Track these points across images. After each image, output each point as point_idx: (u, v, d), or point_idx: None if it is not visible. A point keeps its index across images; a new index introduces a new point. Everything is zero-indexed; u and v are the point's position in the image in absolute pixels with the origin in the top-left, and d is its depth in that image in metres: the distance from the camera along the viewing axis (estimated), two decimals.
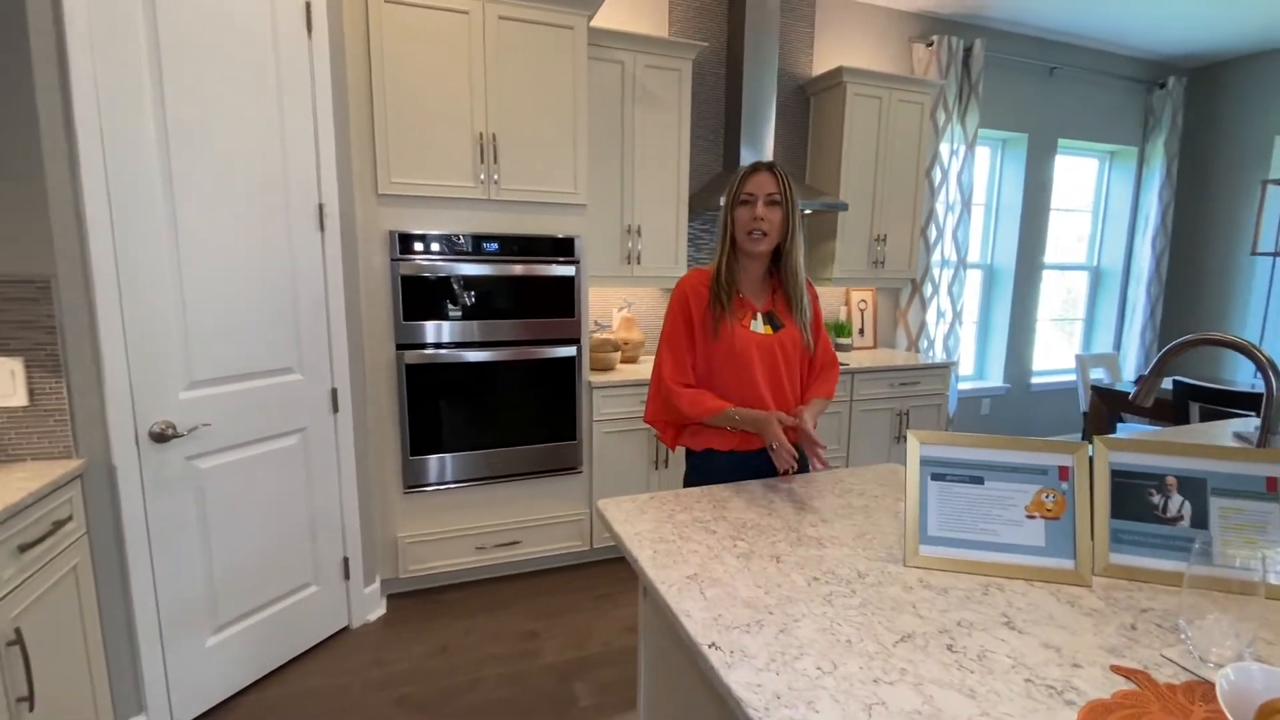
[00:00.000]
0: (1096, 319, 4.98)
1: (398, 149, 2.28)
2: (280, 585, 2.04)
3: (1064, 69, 4.16)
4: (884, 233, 3.52)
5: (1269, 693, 0.60)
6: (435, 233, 2.37)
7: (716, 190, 3.06)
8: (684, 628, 0.85)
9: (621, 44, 2.73)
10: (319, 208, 2.06)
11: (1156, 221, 4.60)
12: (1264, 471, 0.98)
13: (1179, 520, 1.00)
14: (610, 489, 2.76)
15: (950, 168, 3.83)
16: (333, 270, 2.12)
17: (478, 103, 2.35)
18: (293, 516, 2.07)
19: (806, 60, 3.51)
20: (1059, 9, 3.72)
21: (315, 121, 2.02)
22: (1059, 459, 1.02)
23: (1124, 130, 4.56)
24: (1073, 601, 0.93)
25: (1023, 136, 4.23)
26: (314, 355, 2.10)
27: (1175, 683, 0.74)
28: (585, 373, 2.67)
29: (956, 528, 1.03)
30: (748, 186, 1.43)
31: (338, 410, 2.19)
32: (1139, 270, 4.71)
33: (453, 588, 2.60)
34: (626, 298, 3.23)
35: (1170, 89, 4.44)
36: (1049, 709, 0.70)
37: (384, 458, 2.43)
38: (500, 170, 2.41)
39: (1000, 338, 4.51)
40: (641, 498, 1.31)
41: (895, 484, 1.42)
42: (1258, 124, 4.28)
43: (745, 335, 1.44)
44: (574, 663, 2.14)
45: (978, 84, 3.78)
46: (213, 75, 1.73)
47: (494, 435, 2.56)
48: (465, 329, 2.46)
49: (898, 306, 4.01)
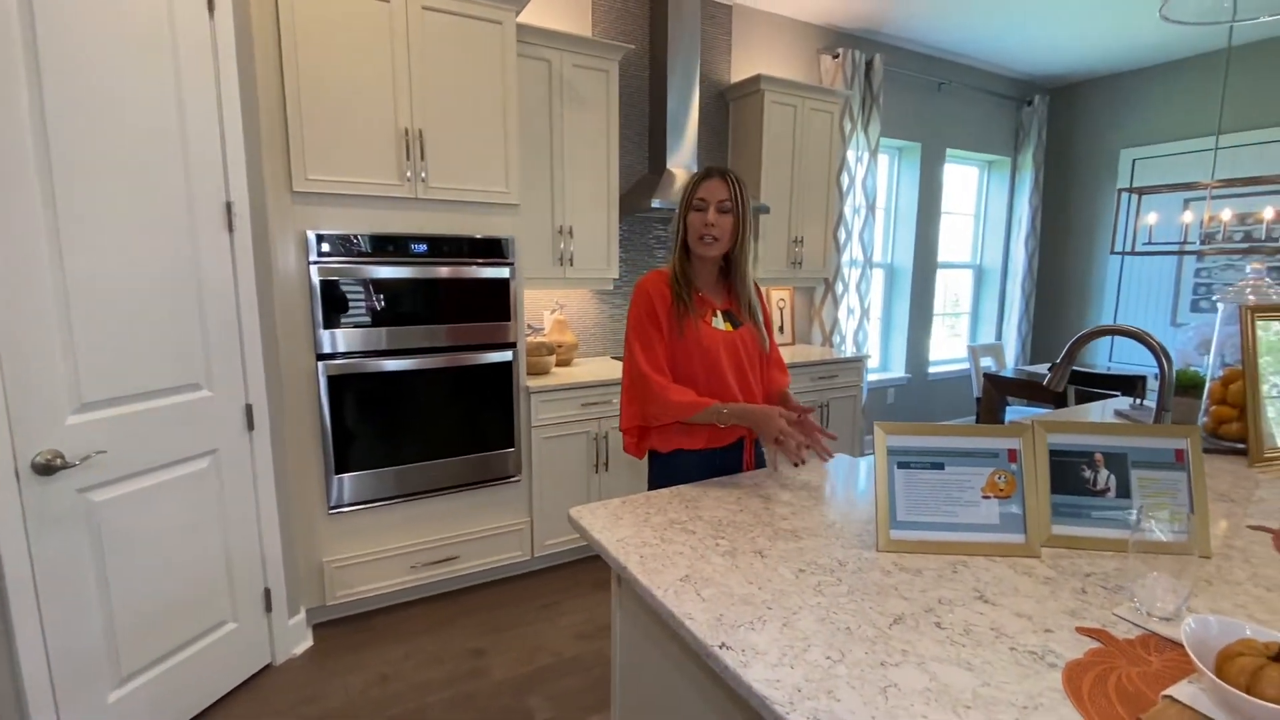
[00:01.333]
0: (980, 313, 5.48)
1: (314, 144, 2.11)
2: (193, 625, 1.84)
3: (950, 84, 4.54)
4: (801, 235, 3.69)
5: (1224, 639, 0.69)
6: (359, 233, 2.22)
7: (645, 192, 3.08)
8: (689, 631, 0.85)
9: (549, 42, 2.69)
10: (226, 206, 1.87)
11: (1028, 225, 5.13)
12: (1173, 445, 1.12)
13: (1107, 491, 1.12)
14: (551, 496, 2.71)
15: (856, 173, 4.08)
16: (244, 275, 1.94)
17: (402, 97, 2.23)
18: (205, 548, 1.87)
19: (725, 67, 3.62)
20: (944, 30, 4.06)
21: (220, 111, 1.83)
22: (1008, 443, 1.11)
23: (999, 141, 5.06)
24: (1028, 572, 1.01)
25: (917, 145, 4.58)
26: (224, 369, 1.90)
27: (1131, 638, 0.83)
28: (522, 378, 2.60)
29: (922, 512, 1.10)
30: (700, 192, 1.45)
31: (253, 428, 2.00)
32: (1015, 268, 5.24)
33: (387, 611, 2.45)
34: (559, 300, 3.19)
35: (1036, 106, 4.97)
36: (1037, 673, 0.75)
37: (306, 477, 2.25)
38: (428, 168, 2.30)
39: (901, 332, 4.86)
40: (613, 503, 1.30)
41: (842, 472, 1.49)
42: (1108, 138, 4.89)
43: (710, 332, 1.47)
44: (526, 677, 2.08)
45: (879, 95, 4.05)
46: (97, 56, 1.52)
47: (426, 447, 2.44)
48: (392, 335, 2.32)
49: (812, 304, 4.22)
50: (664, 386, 1.42)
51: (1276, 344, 1.61)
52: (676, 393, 1.42)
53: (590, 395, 2.74)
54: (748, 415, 1.42)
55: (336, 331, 2.23)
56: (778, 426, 1.37)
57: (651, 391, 1.43)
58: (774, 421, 1.37)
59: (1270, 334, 1.61)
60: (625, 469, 2.88)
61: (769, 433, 1.39)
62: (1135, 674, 0.74)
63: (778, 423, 1.37)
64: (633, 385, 1.48)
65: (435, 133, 2.31)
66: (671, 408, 1.42)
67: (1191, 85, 4.39)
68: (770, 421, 1.38)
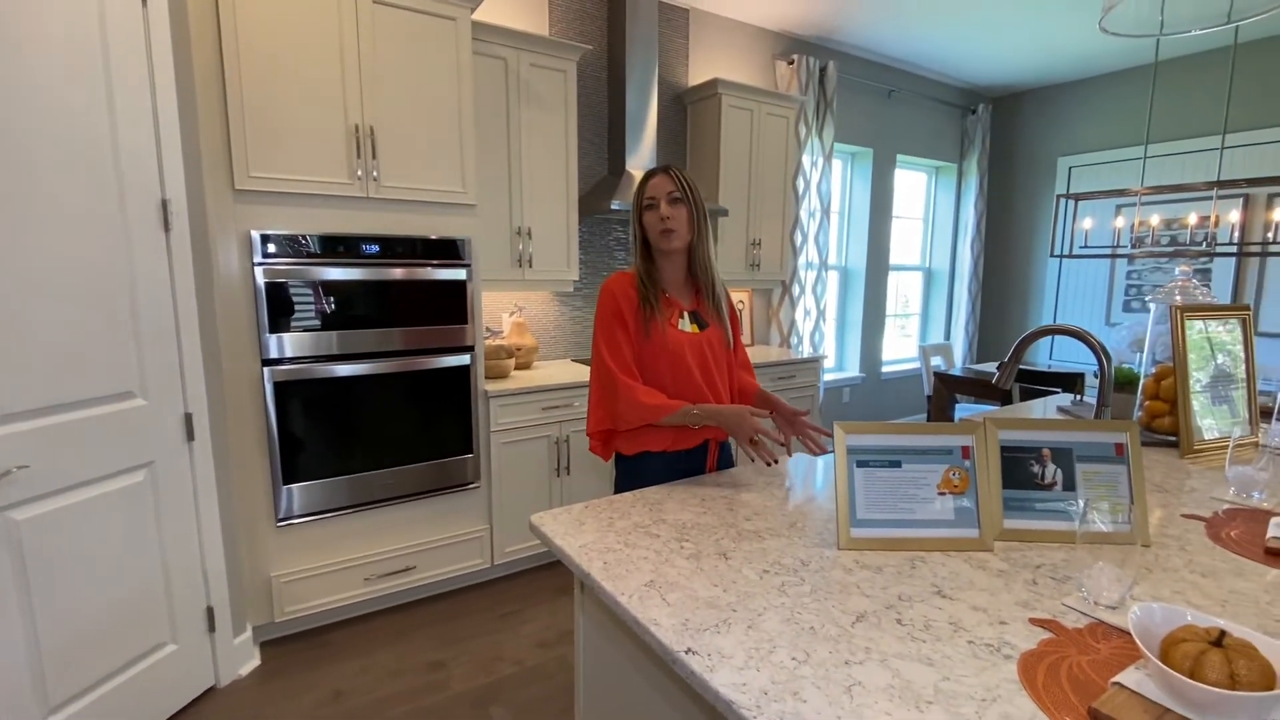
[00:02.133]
0: (930, 313, 5.66)
1: (258, 140, 2.03)
2: (129, 649, 1.73)
3: (900, 92, 4.68)
4: (759, 237, 3.74)
5: (1168, 626, 0.71)
6: (307, 233, 2.14)
7: (604, 193, 3.07)
8: (655, 636, 0.84)
9: (505, 40, 2.65)
10: (162, 204, 1.78)
11: (974, 228, 5.33)
12: (1113, 439, 1.17)
13: (1054, 485, 1.16)
14: (512, 502, 2.67)
15: (812, 178, 4.16)
16: (182, 276, 1.84)
17: (352, 93, 2.16)
18: (141, 566, 1.76)
19: (683, 70, 3.64)
20: (894, 39, 4.19)
21: (155, 103, 1.74)
22: (962, 440, 1.14)
23: (946, 148, 5.24)
24: (983, 565, 1.04)
25: (869, 151, 4.70)
26: (161, 376, 1.80)
27: (1080, 627, 0.86)
28: (480, 382, 2.55)
29: (881, 509, 1.12)
30: (648, 191, 1.46)
31: (193, 438, 1.90)
32: (962, 270, 5.43)
33: (341, 625, 2.36)
34: (518, 302, 3.14)
35: (980, 114, 5.17)
36: (994, 665, 0.77)
37: (251, 488, 2.15)
38: (380, 166, 2.23)
39: (855, 332, 4.98)
40: (576, 508, 1.28)
41: (800, 472, 1.51)
42: (1046, 146, 5.12)
43: (676, 334, 1.46)
44: (487, 688, 2.03)
45: (832, 101, 4.14)
46: (15, 40, 1.42)
47: (380, 455, 2.36)
48: (344, 339, 2.24)
49: (770, 306, 4.28)
50: (633, 388, 1.41)
51: (1199, 342, 1.71)
52: (646, 394, 1.41)
53: (551, 399, 2.71)
54: (719, 416, 1.41)
55: (284, 336, 2.14)
56: (752, 426, 1.37)
57: (620, 394, 1.41)
58: (747, 421, 1.38)
59: (1193, 333, 1.70)
60: (588, 472, 2.86)
61: (743, 433, 1.39)
62: (1085, 662, 0.77)
63: (751, 422, 1.37)
64: (601, 388, 1.46)
65: (388, 130, 2.24)
66: (642, 410, 1.41)
67: (1122, 98, 4.64)
68: (744, 421, 1.38)
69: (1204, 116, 4.22)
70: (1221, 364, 1.72)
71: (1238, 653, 0.63)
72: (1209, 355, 1.71)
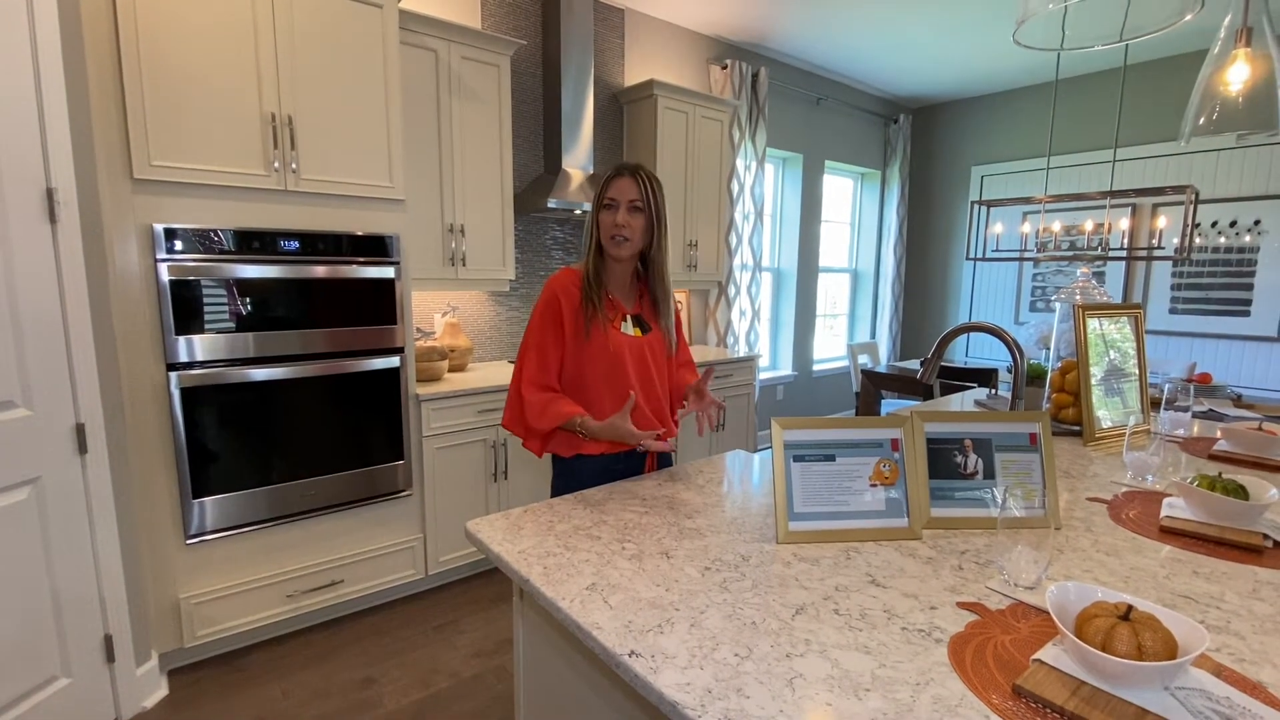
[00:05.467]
0: (856, 313, 5.90)
1: (160, 124, 1.87)
2: (14, 685, 1.56)
3: (828, 100, 4.85)
4: (695, 238, 3.78)
5: (1081, 603, 0.76)
6: (218, 228, 1.99)
7: (541, 191, 3.02)
8: (597, 641, 0.82)
9: (435, 32, 2.56)
10: (47, 193, 1.61)
11: (896, 232, 5.59)
12: (1026, 429, 1.24)
13: (975, 474, 1.22)
14: (446, 509, 2.58)
15: (745, 181, 4.25)
16: (72, 274, 1.67)
17: (268, 79, 2.03)
18: (25, 594, 1.59)
19: (619, 70, 3.63)
20: (822, 49, 4.33)
21: (38, 81, 1.57)
22: (891, 433, 1.18)
23: (871, 155, 5.47)
24: (912, 553, 1.08)
25: (799, 156, 4.85)
26: (47, 383, 1.63)
27: (1003, 608, 0.90)
28: (411, 385, 2.45)
29: (817, 502, 1.14)
30: (611, 191, 1.42)
31: (86, 451, 1.73)
32: (886, 272, 5.69)
33: (260, 646, 2.21)
34: (451, 302, 3.04)
35: (901, 124, 5.42)
36: (926, 649, 0.80)
37: (156, 504, 1.98)
38: (299, 158, 2.11)
39: (788, 332, 5.12)
40: (514, 513, 1.24)
41: (739, 469, 1.53)
42: (961, 156, 5.43)
43: (618, 337, 1.44)
44: (421, 704, 1.95)
45: (764, 106, 4.24)
46: None
47: (302, 464, 2.23)
48: (261, 342, 2.10)
49: (707, 306, 4.33)
50: (527, 401, 1.42)
51: (1094, 340, 1.85)
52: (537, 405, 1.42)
53: (487, 401, 2.63)
54: (605, 432, 1.40)
55: (194, 338, 1.98)
56: (631, 434, 1.37)
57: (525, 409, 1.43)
58: (624, 425, 1.36)
59: (1090, 331, 1.84)
60: (527, 475, 2.80)
61: (630, 442, 1.41)
62: (1008, 641, 0.81)
63: (630, 431, 1.37)
64: (515, 392, 1.47)
65: (308, 120, 2.12)
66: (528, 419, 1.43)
67: (1028, 112, 4.99)
68: (625, 433, 1.38)
69: (1099, 132, 4.60)
70: (1113, 359, 1.87)
71: (1144, 625, 0.68)
72: (1103, 351, 1.85)
